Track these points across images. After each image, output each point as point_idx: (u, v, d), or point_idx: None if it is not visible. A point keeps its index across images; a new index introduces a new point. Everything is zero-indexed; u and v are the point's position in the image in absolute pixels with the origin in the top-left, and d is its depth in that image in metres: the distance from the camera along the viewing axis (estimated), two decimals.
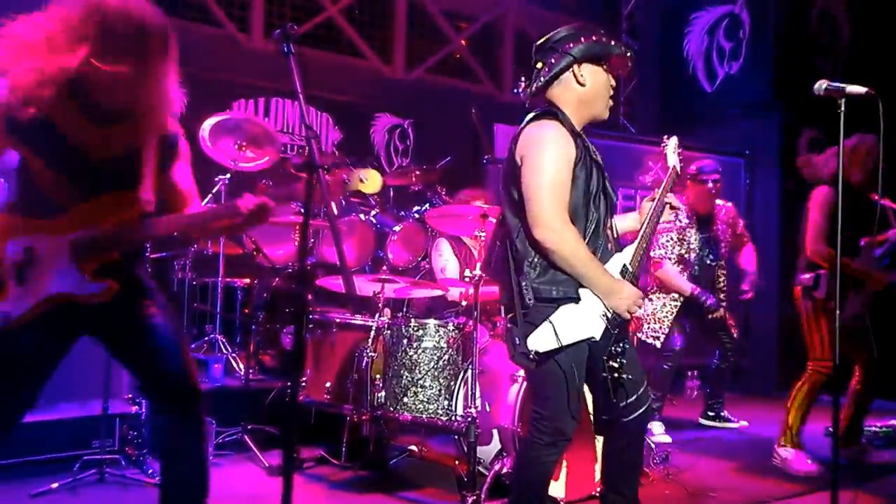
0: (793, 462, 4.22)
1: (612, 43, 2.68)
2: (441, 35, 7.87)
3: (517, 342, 2.56)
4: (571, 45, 2.63)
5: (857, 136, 4.12)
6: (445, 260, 4.80)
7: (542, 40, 2.74)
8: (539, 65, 2.70)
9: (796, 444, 4.26)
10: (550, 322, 2.49)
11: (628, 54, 2.69)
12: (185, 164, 2.51)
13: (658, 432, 4.88)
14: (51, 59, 2.14)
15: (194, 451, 2.48)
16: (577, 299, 2.52)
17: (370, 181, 2.50)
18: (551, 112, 2.62)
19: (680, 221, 4.98)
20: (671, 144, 2.99)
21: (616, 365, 2.52)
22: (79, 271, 2.28)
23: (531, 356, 2.53)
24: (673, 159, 2.96)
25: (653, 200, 2.84)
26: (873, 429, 4.96)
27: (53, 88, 2.16)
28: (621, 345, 2.55)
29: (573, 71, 2.64)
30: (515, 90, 2.86)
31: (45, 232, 2.28)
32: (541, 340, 2.50)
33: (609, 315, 2.54)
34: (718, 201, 5.15)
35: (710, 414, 5.43)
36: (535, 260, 2.55)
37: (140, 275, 2.48)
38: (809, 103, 2.93)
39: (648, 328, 5.04)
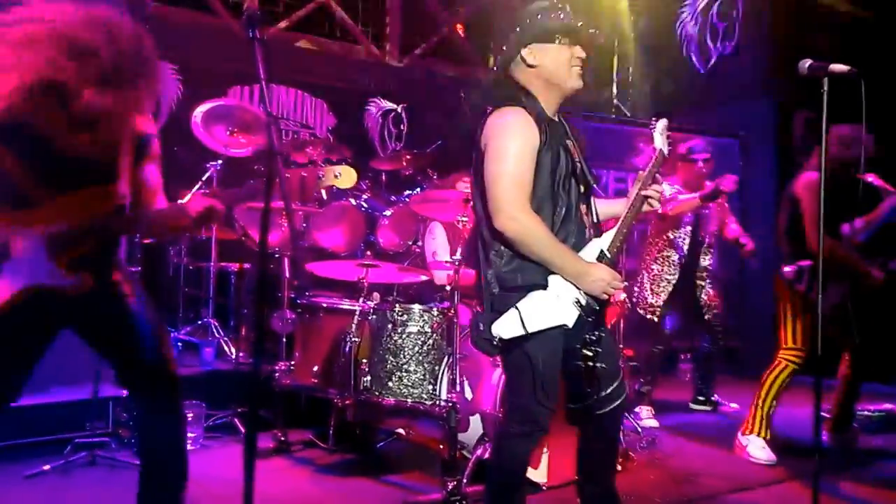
0: (755, 451, 4.19)
1: (561, 16, 2.55)
2: (434, 20, 7.84)
3: (481, 328, 2.54)
4: (517, 28, 2.57)
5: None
6: (438, 244, 4.82)
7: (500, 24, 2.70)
8: (496, 55, 2.69)
9: (763, 433, 4.22)
10: (517, 308, 2.46)
11: (579, 24, 2.55)
12: (155, 163, 2.54)
13: (645, 416, 4.90)
14: (40, 65, 2.16)
15: (172, 439, 2.52)
16: (544, 286, 2.47)
17: (344, 177, 2.52)
18: (516, 98, 2.56)
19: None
20: (659, 127, 2.90)
21: (590, 353, 2.48)
22: (54, 264, 2.31)
23: (495, 342, 2.51)
24: (660, 141, 2.88)
25: (639, 182, 2.74)
26: (866, 413, 4.96)
27: (37, 95, 2.19)
28: (596, 333, 2.50)
29: (522, 54, 2.58)
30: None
31: (22, 224, 2.30)
32: (506, 327, 2.47)
33: (583, 302, 2.49)
34: (708, 182, 5.13)
35: (700, 398, 5.43)
36: (502, 248, 2.51)
37: (116, 266, 2.51)
38: (803, 83, 2.86)
39: (646, 304, 5.05)
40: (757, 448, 4.18)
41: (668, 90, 7.90)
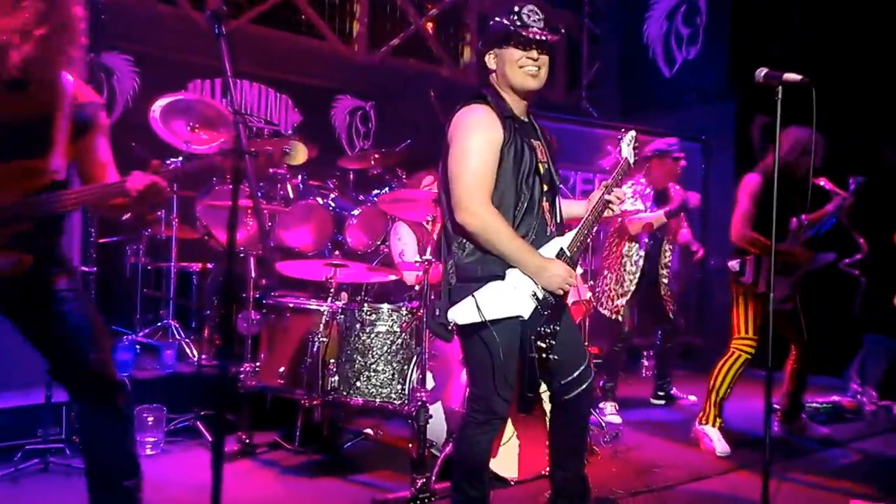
0: (709, 441, 4.30)
1: (512, 23, 2.63)
2: (403, 16, 7.80)
3: (437, 312, 2.63)
4: (485, 35, 2.76)
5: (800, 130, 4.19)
6: (404, 244, 4.79)
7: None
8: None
9: (716, 423, 4.35)
10: (473, 297, 2.54)
11: (530, 32, 2.61)
12: (101, 135, 2.43)
13: (609, 412, 4.95)
14: None
15: (113, 440, 2.45)
16: (502, 278, 2.56)
17: (295, 153, 2.47)
18: (481, 95, 2.67)
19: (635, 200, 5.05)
20: (627, 138, 3.05)
21: (544, 345, 2.56)
22: None
23: (449, 327, 2.59)
24: (627, 151, 3.01)
25: (603, 188, 2.86)
26: (815, 404, 5.14)
27: None
28: (552, 326, 2.58)
29: (485, 59, 2.74)
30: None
31: None
32: (462, 313, 2.55)
33: (540, 295, 2.58)
34: (674, 191, 5.20)
35: (660, 394, 5.55)
36: (463, 241, 2.60)
37: (56, 256, 2.40)
38: (763, 89, 2.96)
39: (610, 304, 5.08)
40: (712, 439, 4.30)
41: (634, 94, 8.00)
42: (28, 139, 2.26)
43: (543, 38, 2.63)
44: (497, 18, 2.69)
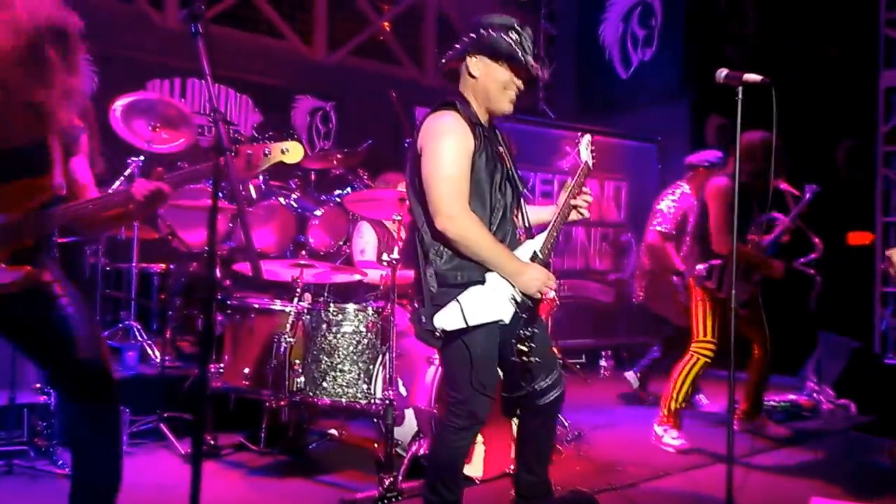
0: (668, 440, 4.38)
1: (515, 43, 2.64)
2: (363, 17, 7.80)
3: (423, 320, 2.63)
4: (473, 35, 2.66)
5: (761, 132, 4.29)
6: (365, 242, 4.81)
7: (472, 19, 2.77)
8: (457, 45, 2.75)
9: (674, 423, 4.40)
10: (458, 301, 2.56)
11: (526, 62, 2.65)
12: (83, 157, 2.48)
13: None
14: None
15: (107, 441, 2.45)
16: (481, 283, 2.59)
17: (292, 151, 2.47)
18: (450, 102, 2.66)
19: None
20: (584, 142, 3.09)
21: (525, 348, 2.58)
22: None
23: (437, 333, 2.59)
24: (585, 155, 3.04)
25: (567, 191, 2.91)
26: (772, 403, 5.21)
27: None
28: (531, 329, 2.62)
29: (466, 61, 2.69)
30: (439, 73, 2.91)
31: None
32: (447, 319, 2.56)
33: (518, 298, 2.61)
34: None
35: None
36: (441, 248, 2.60)
37: (48, 263, 2.42)
38: (717, 91, 3.04)
39: None
40: (670, 438, 4.37)
41: (591, 95, 8.12)
42: (32, 158, 2.29)
43: (537, 73, 2.67)
44: (495, 30, 2.64)
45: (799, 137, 5.16)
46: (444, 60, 2.75)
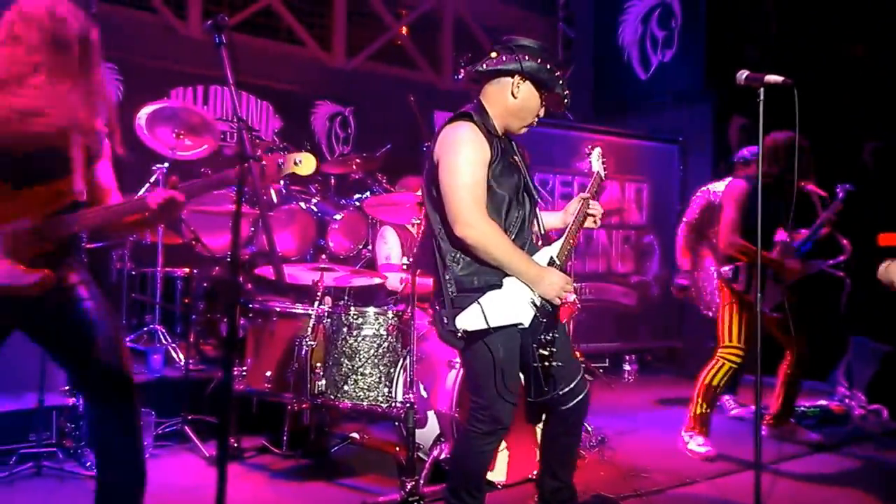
0: (693, 446, 4.32)
1: (560, 81, 2.74)
2: (381, 22, 7.85)
3: (445, 321, 2.66)
4: (527, 57, 2.69)
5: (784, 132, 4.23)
6: (390, 248, 4.83)
7: (508, 37, 2.79)
8: (493, 54, 2.77)
9: (701, 429, 4.34)
10: (479, 303, 2.59)
11: (566, 99, 2.76)
12: (106, 161, 2.51)
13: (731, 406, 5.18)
14: None
15: (130, 444, 2.47)
16: (500, 286, 2.62)
17: (305, 163, 2.50)
18: (467, 114, 2.70)
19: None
20: (595, 154, 3.15)
21: (546, 353, 2.62)
22: (14, 263, 2.26)
23: (459, 334, 2.62)
24: (597, 166, 3.12)
25: (580, 200, 2.97)
26: (802, 408, 5.13)
27: None
28: (551, 333, 2.64)
29: (513, 80, 2.72)
30: (455, 77, 2.94)
31: None
32: (469, 320, 2.60)
33: (538, 303, 2.64)
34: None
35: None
36: (458, 255, 2.64)
37: (75, 267, 2.45)
38: (739, 91, 3.04)
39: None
40: (695, 444, 4.31)
41: (610, 96, 8.09)
42: (52, 162, 2.32)
43: (565, 114, 2.75)
44: (544, 61, 2.70)
45: (824, 138, 5.09)
46: (485, 67, 2.76)
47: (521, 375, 2.77)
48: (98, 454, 2.53)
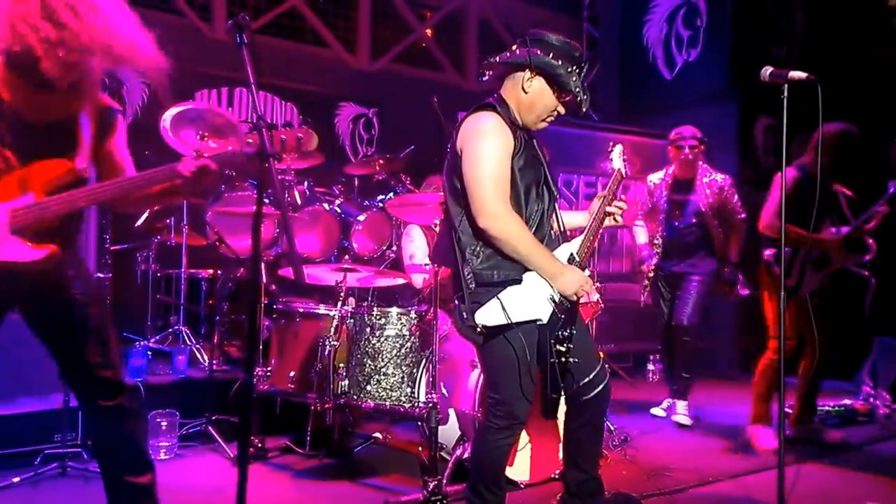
0: (758, 438, 4.36)
1: (576, 81, 2.66)
2: (405, 24, 7.86)
3: (464, 316, 2.64)
4: (539, 51, 2.65)
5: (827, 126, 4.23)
6: (416, 247, 4.83)
7: (533, 31, 2.77)
8: (514, 46, 2.75)
9: (761, 421, 4.40)
10: (499, 299, 2.57)
11: (580, 99, 2.68)
12: (121, 137, 2.51)
13: (680, 411, 5.01)
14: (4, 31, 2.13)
15: (122, 439, 2.50)
16: (519, 282, 2.60)
17: (308, 140, 2.49)
18: (490, 105, 2.68)
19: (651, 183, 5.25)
20: (616, 151, 3.13)
21: (563, 349, 2.60)
22: (20, 238, 2.27)
23: (478, 329, 2.60)
24: (618, 163, 3.10)
25: (601, 199, 2.94)
26: (827, 408, 5.10)
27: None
28: (569, 329, 2.63)
29: (524, 75, 2.69)
30: (480, 79, 2.92)
31: None
32: (489, 315, 2.58)
33: (556, 299, 2.63)
34: (718, 176, 5.13)
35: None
36: (478, 248, 2.62)
37: (73, 259, 2.47)
38: (765, 91, 3.01)
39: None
40: (764, 437, 4.37)
41: (635, 96, 8.04)
42: (56, 138, 2.33)
43: (585, 110, 2.73)
44: (558, 58, 2.63)
45: None
46: (497, 60, 2.74)
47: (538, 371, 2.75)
48: (94, 448, 2.56)
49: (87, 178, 2.39)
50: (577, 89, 2.66)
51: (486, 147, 2.56)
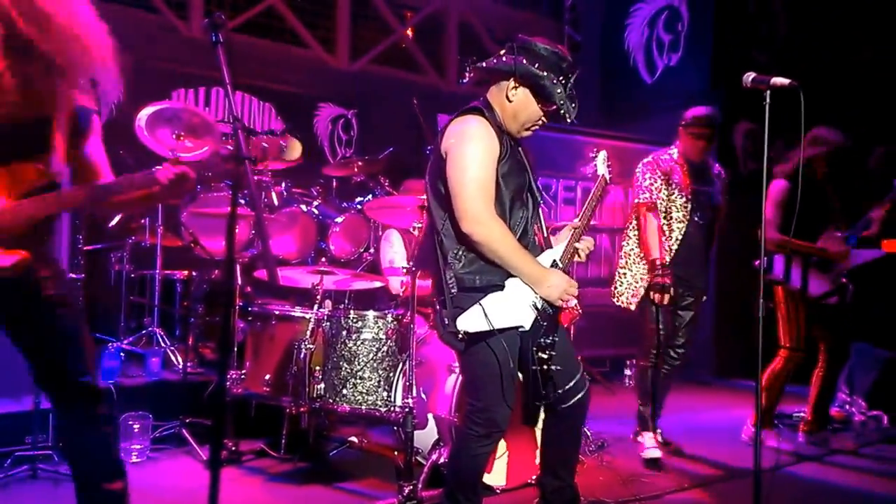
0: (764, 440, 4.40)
1: (560, 90, 2.62)
2: (385, 25, 7.83)
3: (446, 322, 2.62)
4: (524, 60, 2.63)
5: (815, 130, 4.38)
6: (395, 252, 4.80)
7: (522, 38, 2.74)
8: (502, 52, 2.73)
9: (766, 424, 4.42)
10: (481, 305, 2.55)
11: (563, 113, 2.66)
12: (96, 138, 2.46)
13: (649, 444, 4.23)
14: None
15: (94, 445, 2.44)
16: (501, 287, 2.58)
17: (291, 149, 2.47)
18: (477, 108, 2.66)
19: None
20: (600, 157, 3.12)
21: (545, 356, 2.58)
22: None
23: (460, 336, 2.58)
24: (602, 169, 3.09)
25: (571, 230, 2.88)
26: (801, 414, 5.05)
27: None
28: (551, 337, 2.61)
29: (509, 83, 2.67)
30: (460, 81, 2.89)
31: None
32: (471, 321, 2.56)
33: (539, 305, 2.60)
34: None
35: None
36: (461, 252, 2.59)
37: (47, 261, 2.40)
38: (746, 96, 3.02)
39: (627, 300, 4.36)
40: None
41: (616, 100, 8.05)
42: (28, 140, 2.27)
43: (571, 121, 2.70)
44: (545, 68, 2.60)
45: None
46: (483, 65, 2.72)
47: (520, 378, 2.73)
48: (67, 453, 2.51)
49: (59, 181, 2.33)
50: (562, 101, 2.63)
51: (471, 150, 2.55)
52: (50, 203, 2.29)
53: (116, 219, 4.98)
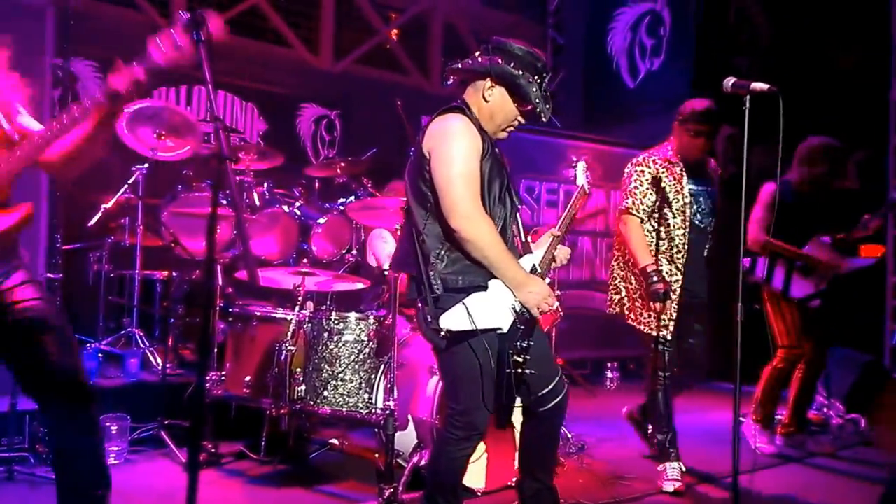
0: (758, 440, 4.52)
1: (536, 92, 2.63)
2: (369, 25, 7.81)
3: (429, 319, 2.60)
4: (500, 60, 2.63)
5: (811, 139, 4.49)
6: (390, 248, 4.76)
7: (497, 39, 2.74)
8: (477, 53, 2.73)
9: (764, 425, 4.56)
10: (464, 304, 2.55)
11: (539, 112, 2.67)
12: (23, 106, 2.46)
13: (671, 476, 3.79)
14: None
15: (85, 451, 2.42)
16: (484, 288, 2.58)
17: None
18: (459, 107, 2.66)
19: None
20: (580, 167, 3.13)
21: (520, 360, 2.58)
22: None
23: (442, 333, 2.57)
24: (582, 179, 3.10)
25: (550, 237, 2.92)
26: (779, 417, 5.08)
27: None
28: (527, 341, 2.61)
29: (485, 83, 2.67)
30: (444, 83, 2.90)
31: None
32: (454, 320, 2.55)
33: (517, 309, 2.60)
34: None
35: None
36: (443, 252, 2.58)
37: (21, 265, 2.39)
38: (727, 100, 3.05)
39: (642, 316, 3.93)
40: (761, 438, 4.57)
41: (598, 104, 8.08)
42: None
43: (547, 120, 2.72)
44: (520, 68, 2.60)
45: None
46: (459, 66, 2.72)
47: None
48: (55, 461, 2.47)
49: (15, 140, 2.31)
50: (538, 100, 2.64)
51: (456, 147, 2.54)
52: (14, 160, 2.27)
53: (96, 217, 4.91)
